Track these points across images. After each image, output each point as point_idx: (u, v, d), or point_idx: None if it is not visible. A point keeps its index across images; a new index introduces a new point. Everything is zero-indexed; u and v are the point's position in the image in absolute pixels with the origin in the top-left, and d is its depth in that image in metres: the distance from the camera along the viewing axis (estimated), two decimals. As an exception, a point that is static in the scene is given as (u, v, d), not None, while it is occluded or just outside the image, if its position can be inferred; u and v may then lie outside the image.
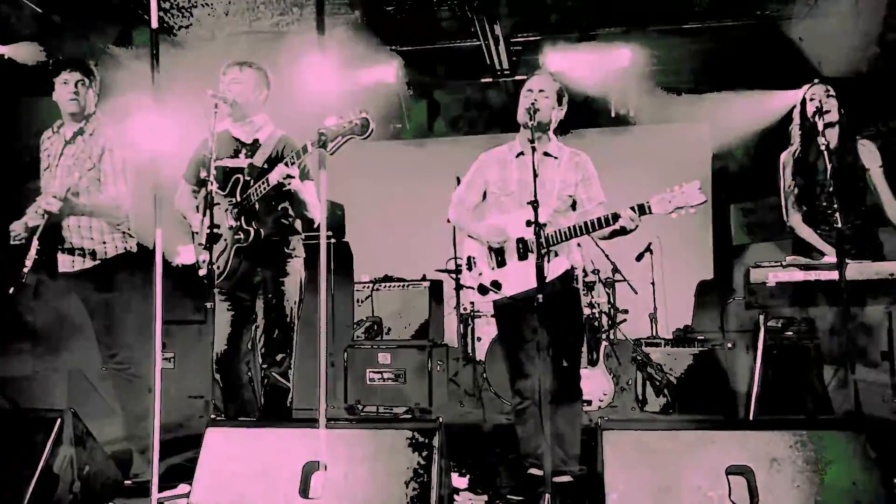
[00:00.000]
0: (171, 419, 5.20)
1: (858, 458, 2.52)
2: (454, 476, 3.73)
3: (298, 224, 3.84)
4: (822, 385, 3.97)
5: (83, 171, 3.63)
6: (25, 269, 3.48)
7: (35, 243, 3.53)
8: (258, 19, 6.44)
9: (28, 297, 3.71)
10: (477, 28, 6.33)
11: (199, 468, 2.84)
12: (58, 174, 3.70)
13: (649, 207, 3.21)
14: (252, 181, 3.58)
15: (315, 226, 3.82)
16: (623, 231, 3.30)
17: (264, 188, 3.50)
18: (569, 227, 3.38)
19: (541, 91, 3.55)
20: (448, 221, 3.88)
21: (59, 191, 3.55)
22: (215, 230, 3.31)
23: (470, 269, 3.66)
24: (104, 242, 3.73)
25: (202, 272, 3.65)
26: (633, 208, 3.23)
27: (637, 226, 3.25)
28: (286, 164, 3.45)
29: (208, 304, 3.21)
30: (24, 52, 5.87)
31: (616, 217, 3.25)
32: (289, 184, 3.49)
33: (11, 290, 3.45)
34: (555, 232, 3.38)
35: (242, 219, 3.56)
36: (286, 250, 3.74)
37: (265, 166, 3.64)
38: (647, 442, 2.66)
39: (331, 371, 5.91)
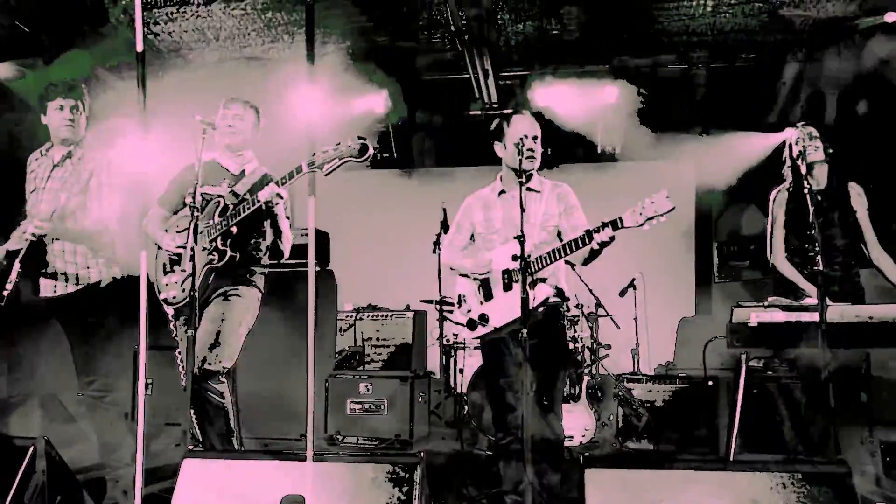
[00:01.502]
0: (147, 447, 5.10)
1: (838, 500, 2.51)
2: (434, 510, 3.69)
3: (265, 259, 3.84)
4: (802, 425, 3.98)
5: (71, 194, 3.61)
6: (5, 293, 3.44)
7: (16, 266, 3.49)
8: (248, 46, 6.48)
9: (6, 320, 3.65)
10: (467, 61, 6.40)
11: (176, 499, 2.78)
12: (45, 197, 3.67)
13: (621, 221, 3.24)
14: (232, 206, 3.59)
15: (283, 259, 3.83)
16: (602, 244, 3.29)
17: (248, 207, 3.50)
18: (548, 252, 3.41)
19: (534, 138, 3.57)
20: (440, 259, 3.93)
21: (46, 214, 3.53)
22: (180, 250, 3.29)
23: (460, 305, 3.69)
24: (88, 267, 3.69)
25: (162, 296, 3.62)
26: (606, 224, 3.26)
27: (612, 237, 3.26)
28: (277, 184, 3.46)
29: (189, 332, 3.16)
30: (7, 72, 5.87)
31: (591, 235, 3.28)
32: (276, 204, 3.51)
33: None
34: (536, 259, 3.40)
35: (219, 240, 3.55)
36: (248, 277, 3.72)
37: (247, 195, 3.65)
38: (629, 480, 2.65)
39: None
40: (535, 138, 3.58)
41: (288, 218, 3.76)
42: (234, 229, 3.57)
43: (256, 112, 3.88)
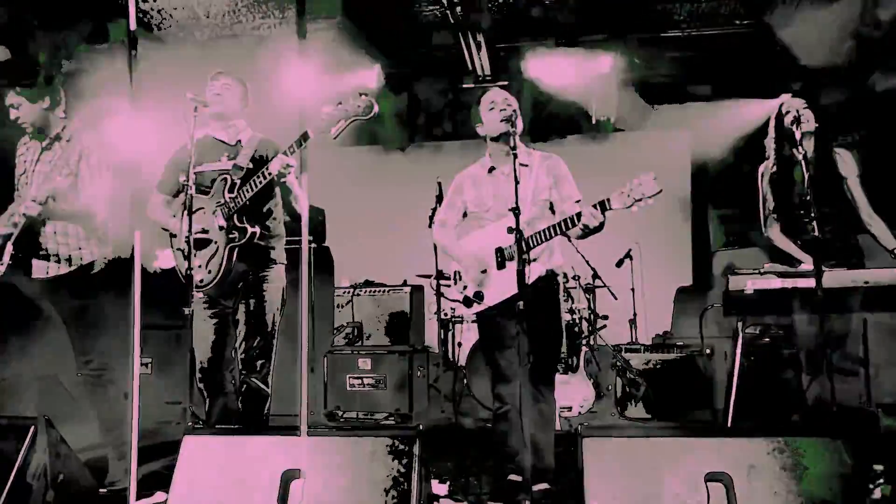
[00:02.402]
0: (147, 425, 5.12)
1: (835, 464, 2.53)
2: (434, 483, 3.72)
3: (281, 228, 3.85)
4: (799, 391, 4.01)
5: (62, 176, 3.58)
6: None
7: (9, 248, 3.49)
8: (239, 23, 6.40)
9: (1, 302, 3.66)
10: (459, 34, 6.33)
11: (176, 476, 2.80)
12: (34, 180, 3.65)
13: (609, 203, 3.23)
14: (240, 181, 3.57)
15: (302, 220, 3.85)
16: (593, 229, 3.30)
17: (261, 181, 3.48)
18: (541, 231, 3.39)
19: (506, 100, 3.56)
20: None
21: (39, 196, 3.51)
22: (203, 234, 3.28)
23: (456, 283, 3.68)
24: (80, 248, 3.68)
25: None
26: (594, 206, 3.25)
27: (602, 222, 3.26)
28: (285, 154, 3.45)
29: (186, 310, 3.16)
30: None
31: (579, 216, 3.27)
32: (288, 173, 3.50)
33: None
34: (530, 237, 3.39)
35: (235, 217, 3.54)
36: (271, 255, 3.74)
37: (250, 165, 3.64)
38: (627, 449, 2.66)
39: (310, 377, 5.87)
40: (507, 100, 3.56)
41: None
42: (248, 203, 3.57)
43: (244, 87, 3.86)
